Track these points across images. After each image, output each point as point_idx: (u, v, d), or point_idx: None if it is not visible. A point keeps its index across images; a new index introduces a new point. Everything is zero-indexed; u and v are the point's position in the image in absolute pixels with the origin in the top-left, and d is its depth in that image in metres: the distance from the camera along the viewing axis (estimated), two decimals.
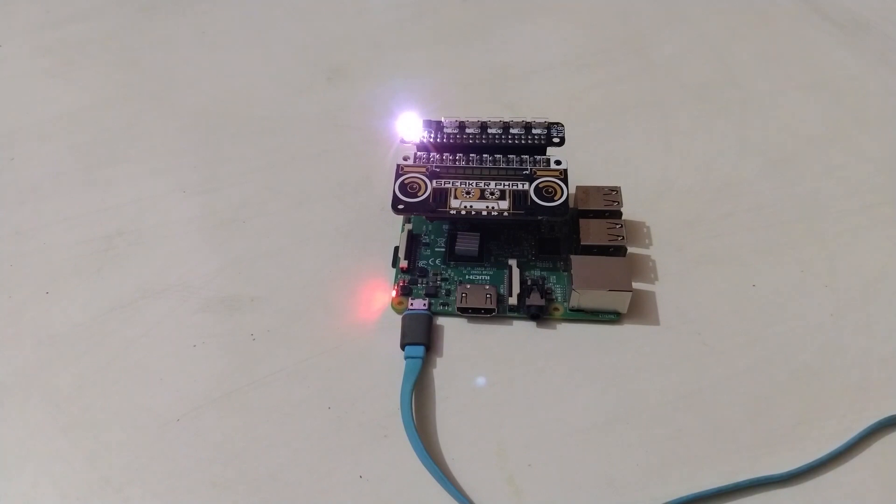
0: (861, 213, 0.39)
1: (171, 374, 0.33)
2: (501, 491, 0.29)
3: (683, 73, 0.48)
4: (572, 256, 0.34)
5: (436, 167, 0.36)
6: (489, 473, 0.30)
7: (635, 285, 0.35)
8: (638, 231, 0.38)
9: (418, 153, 0.36)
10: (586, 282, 0.33)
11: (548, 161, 0.36)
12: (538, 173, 0.35)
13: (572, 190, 0.36)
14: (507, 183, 0.35)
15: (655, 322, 0.34)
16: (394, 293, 0.35)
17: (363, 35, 0.51)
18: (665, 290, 0.35)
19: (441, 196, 0.34)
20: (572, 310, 0.34)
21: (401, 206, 0.34)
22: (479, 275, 0.36)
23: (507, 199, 0.34)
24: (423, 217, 0.37)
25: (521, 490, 0.29)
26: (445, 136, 0.36)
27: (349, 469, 0.30)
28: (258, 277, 0.36)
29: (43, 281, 0.36)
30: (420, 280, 0.35)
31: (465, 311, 0.34)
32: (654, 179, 0.41)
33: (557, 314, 0.34)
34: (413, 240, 0.37)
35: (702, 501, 0.29)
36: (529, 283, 0.35)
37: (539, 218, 0.34)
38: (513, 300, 0.34)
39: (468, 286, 0.34)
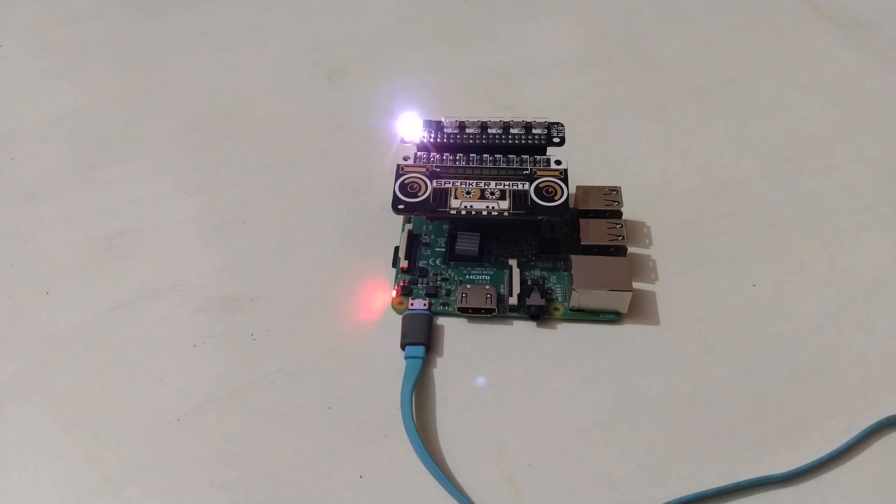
0: (861, 213, 0.39)
1: (171, 374, 0.33)
2: (501, 491, 0.29)
3: (683, 73, 0.48)
4: (572, 256, 0.34)
5: (436, 167, 0.36)
6: (489, 473, 0.30)
7: (635, 285, 0.35)
8: (638, 231, 0.38)
9: (418, 153, 0.36)
10: (586, 282, 0.33)
11: (548, 161, 0.36)
12: (538, 173, 0.35)
13: (572, 190, 0.36)
14: (507, 183, 0.35)
15: (656, 322, 0.34)
16: (394, 293, 0.35)
17: (363, 35, 0.51)
18: (665, 290, 0.35)
19: (441, 196, 0.34)
20: (572, 310, 0.34)
21: (401, 206, 0.34)
22: (479, 275, 0.36)
23: (508, 199, 0.34)
24: (424, 217, 0.37)
25: (521, 490, 0.29)
26: (445, 136, 0.36)
27: (349, 469, 0.30)
28: (258, 277, 0.36)
29: (43, 281, 0.36)
30: (420, 280, 0.35)
31: (465, 311, 0.34)
32: (654, 179, 0.41)
33: (557, 314, 0.34)
34: (413, 240, 0.37)
35: (702, 501, 0.29)
36: (529, 283, 0.35)
37: (539, 218, 0.34)
38: (513, 300, 0.34)
39: (468, 286, 0.34)
